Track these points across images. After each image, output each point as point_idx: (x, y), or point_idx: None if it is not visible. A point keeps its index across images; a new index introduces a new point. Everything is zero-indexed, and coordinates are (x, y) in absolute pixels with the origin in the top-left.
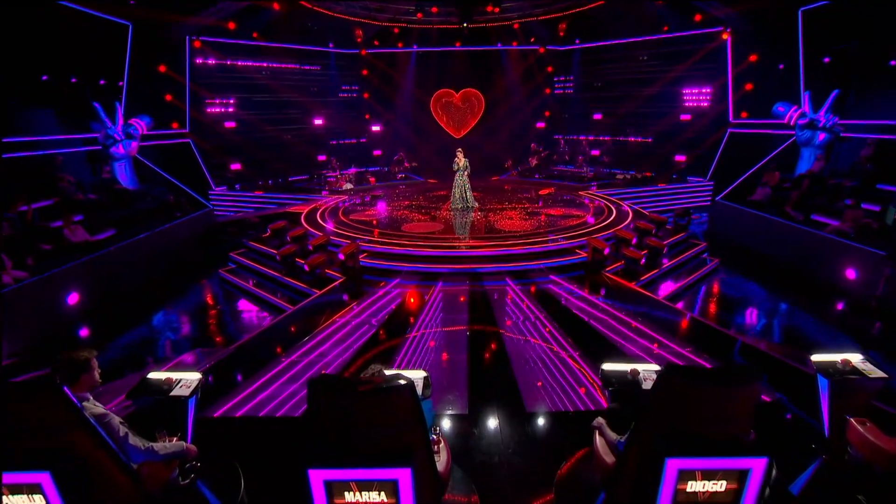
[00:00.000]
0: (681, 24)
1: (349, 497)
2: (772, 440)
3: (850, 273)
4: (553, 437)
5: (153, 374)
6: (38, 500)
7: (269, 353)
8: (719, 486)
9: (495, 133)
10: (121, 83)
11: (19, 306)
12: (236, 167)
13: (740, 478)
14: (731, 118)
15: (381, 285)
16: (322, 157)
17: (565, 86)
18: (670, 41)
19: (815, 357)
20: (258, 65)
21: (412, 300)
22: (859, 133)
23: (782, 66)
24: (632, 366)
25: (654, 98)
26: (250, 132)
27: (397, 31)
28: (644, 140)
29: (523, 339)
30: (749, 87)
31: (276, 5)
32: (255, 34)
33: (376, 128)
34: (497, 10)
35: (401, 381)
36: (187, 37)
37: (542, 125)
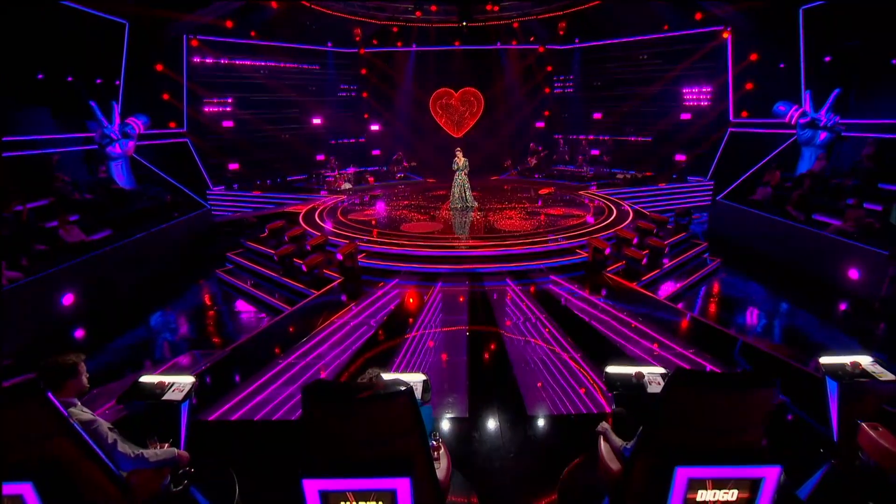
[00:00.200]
0: (681, 23)
1: None
2: (777, 444)
3: (853, 273)
4: (555, 440)
5: (145, 378)
6: None
7: (267, 355)
8: (731, 495)
9: (495, 132)
10: (117, 82)
11: (13, 308)
12: (234, 167)
13: (753, 487)
14: (731, 117)
15: (379, 286)
16: (321, 157)
17: (565, 85)
18: (670, 40)
19: (824, 359)
20: (256, 64)
21: (411, 301)
22: (860, 132)
23: (783, 65)
24: (636, 369)
25: (654, 97)
26: (248, 132)
27: (396, 29)
28: (644, 139)
29: (524, 340)
30: (750, 86)
31: (274, 4)
32: (252, 33)
33: (375, 127)
34: (496, 8)
35: (399, 388)
36: (184, 35)
37: (541, 124)
